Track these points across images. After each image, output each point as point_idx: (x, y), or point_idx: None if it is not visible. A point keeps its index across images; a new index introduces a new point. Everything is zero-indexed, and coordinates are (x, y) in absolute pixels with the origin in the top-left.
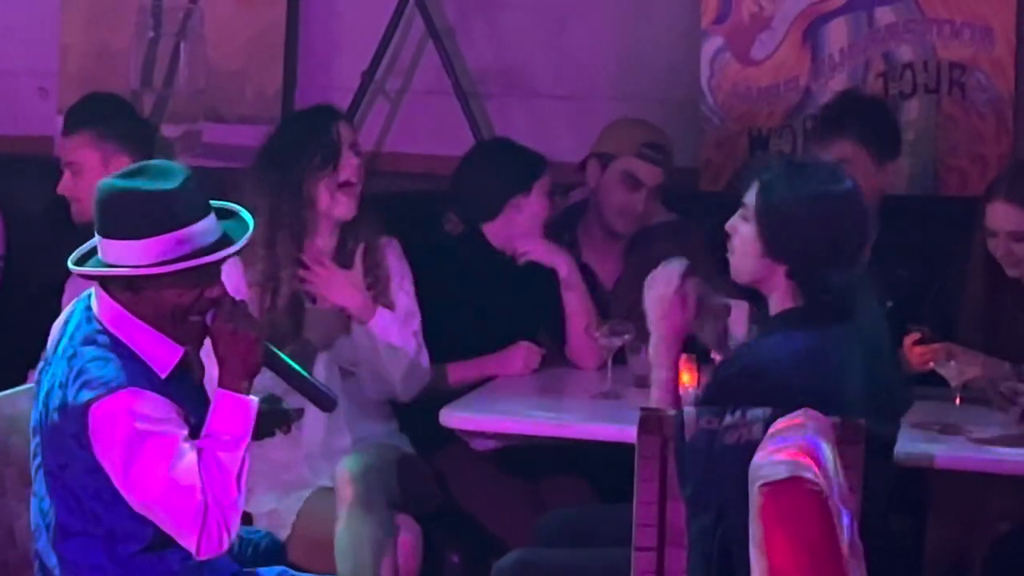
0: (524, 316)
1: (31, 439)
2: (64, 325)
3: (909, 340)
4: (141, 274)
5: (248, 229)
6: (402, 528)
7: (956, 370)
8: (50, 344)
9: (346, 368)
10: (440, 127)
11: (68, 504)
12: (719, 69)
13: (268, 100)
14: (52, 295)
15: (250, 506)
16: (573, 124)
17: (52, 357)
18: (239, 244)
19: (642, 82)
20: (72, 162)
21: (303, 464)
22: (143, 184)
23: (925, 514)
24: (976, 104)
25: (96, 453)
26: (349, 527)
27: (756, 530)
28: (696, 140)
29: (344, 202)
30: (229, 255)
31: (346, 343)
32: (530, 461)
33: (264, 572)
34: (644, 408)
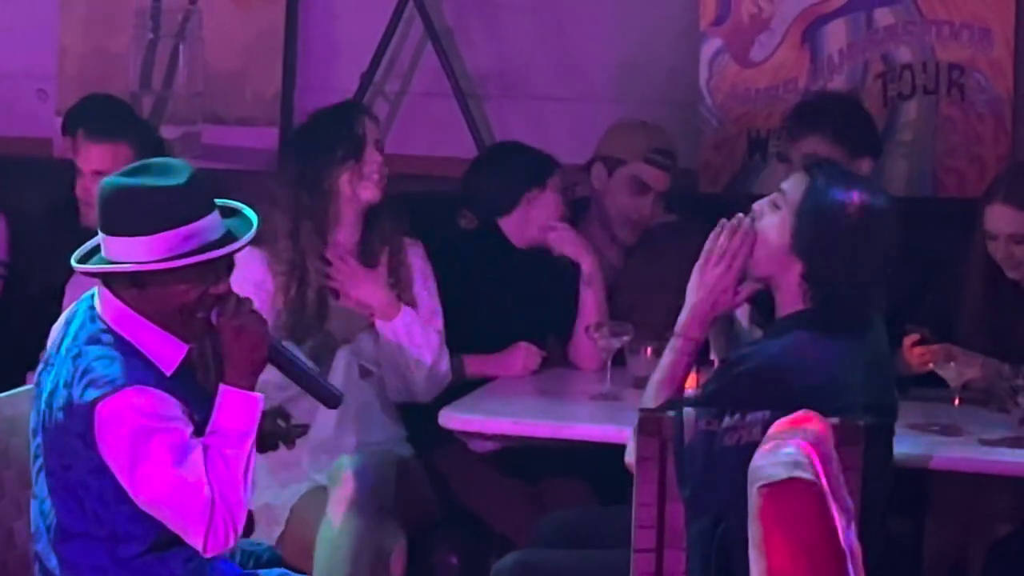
0: (534, 314)
1: (31, 441)
2: (66, 325)
3: (909, 341)
4: (149, 269)
5: (252, 225)
6: (388, 535)
7: (955, 371)
8: (50, 345)
9: (366, 367)
10: (439, 129)
11: (70, 505)
12: (718, 70)
13: (267, 102)
14: (52, 297)
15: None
16: (572, 125)
17: (54, 357)
18: (246, 239)
19: (641, 83)
20: (100, 171)
21: (306, 459)
22: (149, 181)
23: (924, 515)
24: (975, 105)
25: (101, 452)
26: (333, 526)
27: (755, 531)
28: (695, 141)
29: (368, 187)
30: (236, 250)
31: (368, 341)
32: (529, 462)
33: (264, 574)
34: (643, 409)
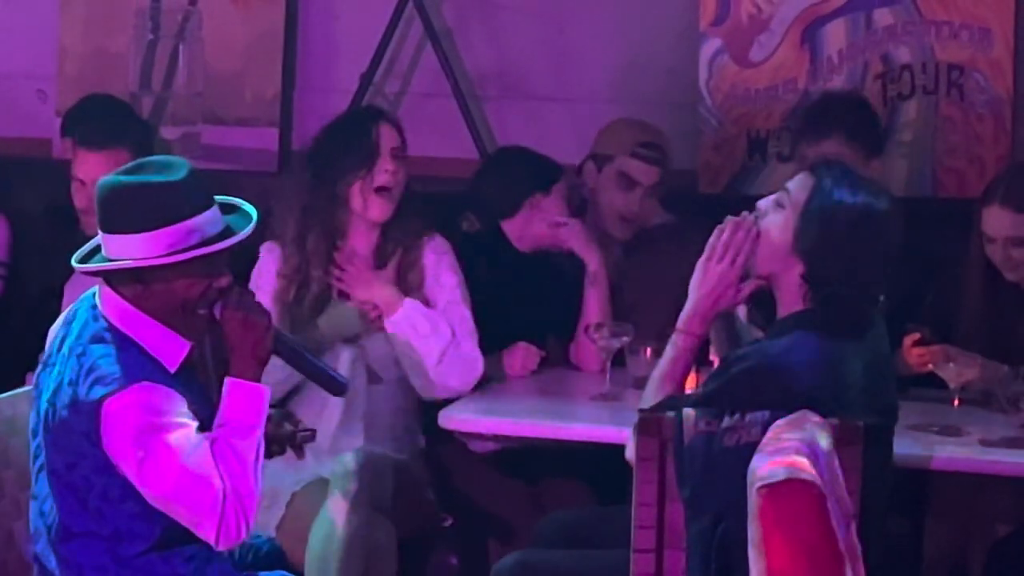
0: (535, 316)
1: (31, 441)
2: (67, 325)
3: (908, 340)
4: (153, 264)
5: (252, 219)
6: (381, 534)
7: (955, 372)
8: (49, 346)
9: (376, 372)
10: (439, 129)
11: (72, 504)
12: (717, 71)
13: (267, 102)
14: (51, 298)
15: None
16: (572, 126)
17: (55, 357)
18: (246, 232)
19: (640, 84)
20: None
21: (310, 457)
22: (148, 178)
23: (924, 516)
24: (974, 105)
25: (108, 449)
26: (328, 523)
27: (755, 532)
28: (694, 142)
29: (377, 205)
30: (237, 243)
31: (379, 342)
32: (529, 463)
33: (264, 575)
34: (642, 410)
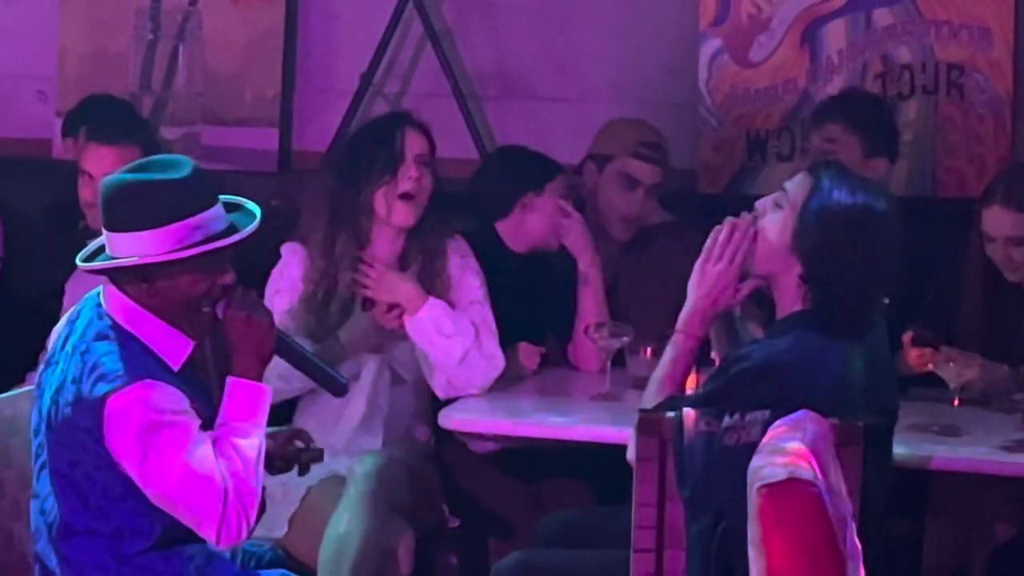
0: (532, 316)
1: (32, 441)
2: (70, 324)
3: (907, 338)
4: (158, 261)
5: (255, 217)
6: (395, 533)
7: (955, 372)
8: (54, 344)
9: (400, 374)
10: (439, 129)
11: (74, 502)
12: (717, 71)
13: (267, 103)
14: (51, 298)
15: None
16: (571, 126)
17: (59, 355)
18: (251, 228)
19: (640, 84)
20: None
21: (325, 455)
22: (153, 175)
23: (924, 516)
24: (974, 105)
25: (110, 447)
26: (344, 522)
27: (755, 531)
28: (694, 142)
29: (401, 211)
30: (242, 238)
31: (405, 349)
32: (529, 463)
33: (265, 575)
34: (642, 409)
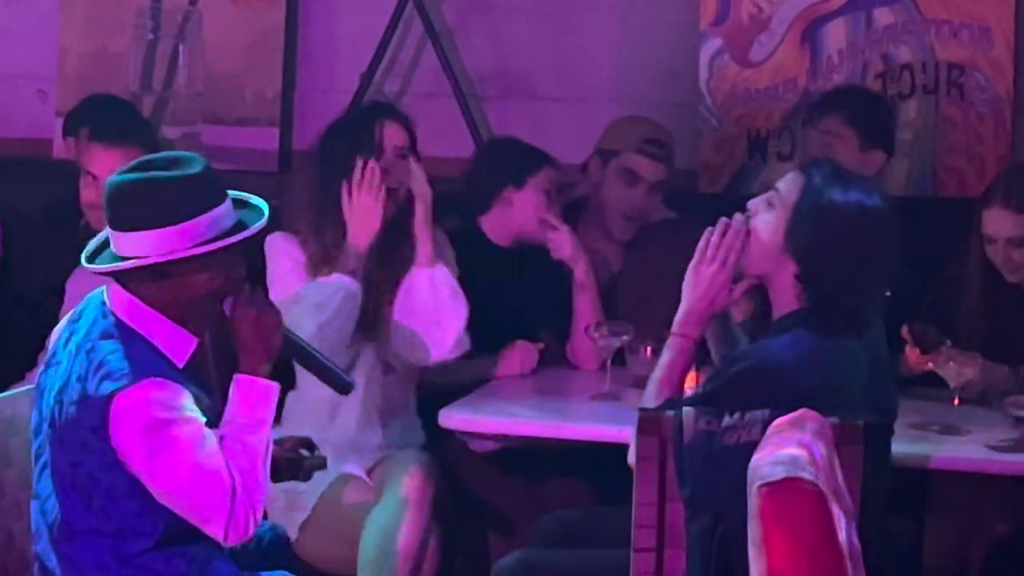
0: (525, 312)
1: (32, 441)
2: (74, 323)
3: (909, 337)
4: (182, 257)
5: (263, 212)
6: (431, 532)
7: (955, 371)
8: (55, 344)
9: (390, 363)
10: (439, 129)
11: (75, 502)
12: (718, 71)
13: (267, 102)
14: (51, 297)
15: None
16: (572, 126)
17: (61, 354)
18: (262, 222)
19: (641, 84)
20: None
21: (329, 455)
22: (163, 173)
23: (923, 515)
24: (975, 105)
25: (116, 445)
26: (387, 518)
27: (755, 531)
28: (695, 142)
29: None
30: (256, 232)
31: (395, 334)
32: (529, 462)
33: (267, 575)
34: (642, 409)
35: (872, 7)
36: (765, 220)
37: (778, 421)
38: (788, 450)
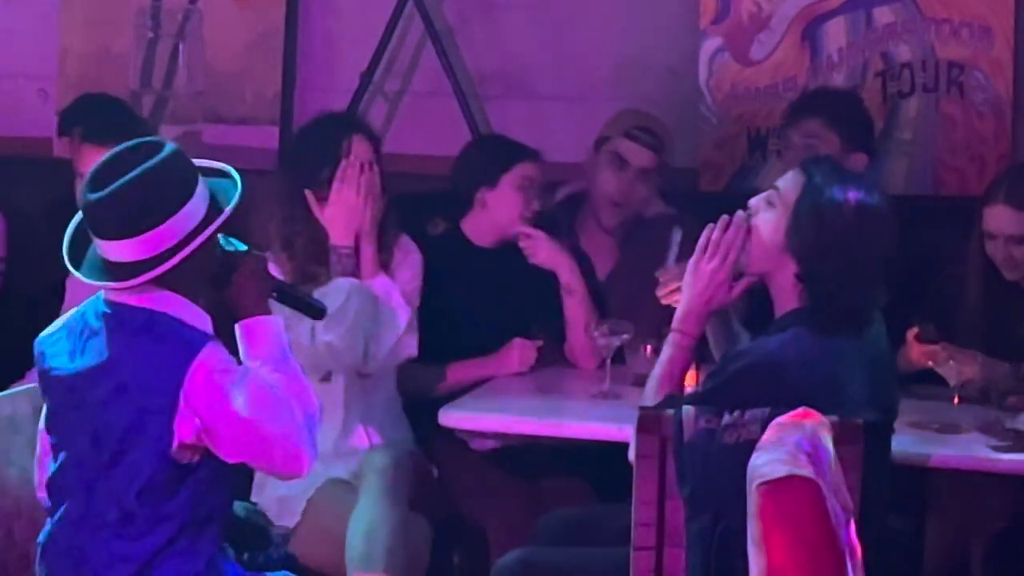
0: (516, 312)
1: (43, 437)
2: (83, 336)
3: (912, 335)
4: (196, 246)
5: (228, 173)
6: (416, 526)
7: (955, 369)
8: (58, 343)
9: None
10: (439, 128)
11: (102, 496)
12: (718, 69)
13: (268, 101)
14: (52, 296)
15: (255, 494)
16: (572, 124)
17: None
18: (239, 182)
19: (641, 83)
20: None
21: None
22: (149, 163)
23: (923, 513)
24: (975, 104)
25: (200, 411)
26: (369, 515)
27: (755, 529)
28: (695, 140)
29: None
30: (242, 196)
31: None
32: (529, 461)
33: None
34: (642, 407)
35: (872, 6)
36: (765, 219)
37: (778, 420)
38: (788, 449)
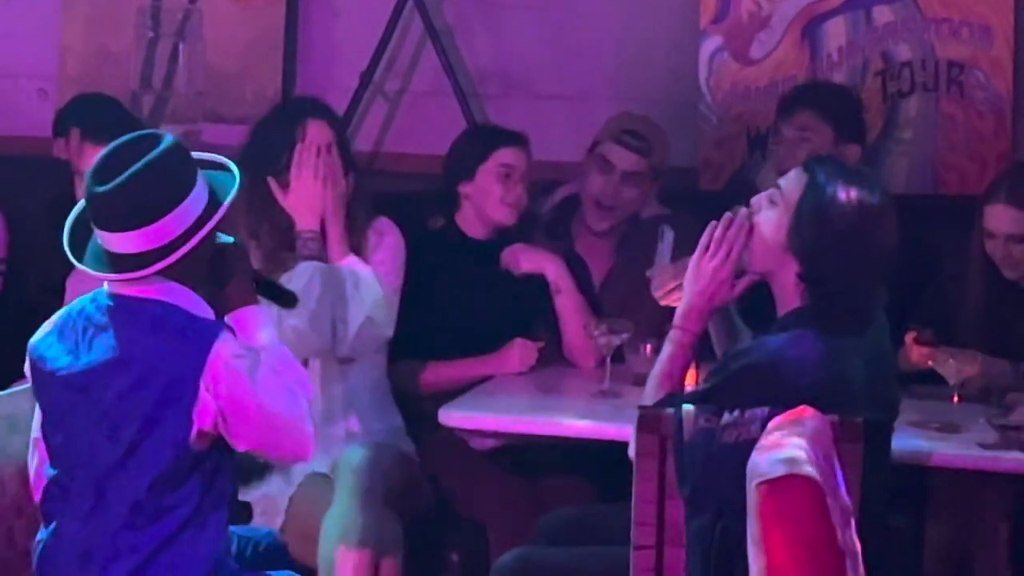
0: (515, 310)
1: (46, 437)
2: (97, 328)
3: (910, 338)
4: (203, 237)
5: (223, 162)
6: (389, 530)
7: (955, 368)
8: (53, 346)
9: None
10: (439, 127)
11: (113, 491)
12: (718, 68)
13: (268, 101)
14: (52, 295)
15: (243, 493)
16: (572, 124)
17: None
18: (236, 172)
19: (641, 82)
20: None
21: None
22: (151, 155)
23: (923, 512)
24: (975, 103)
25: (220, 397)
26: (340, 515)
27: (754, 528)
28: (695, 139)
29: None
30: (239, 186)
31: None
32: (529, 460)
33: (271, 575)
34: (642, 406)
35: (872, 5)
36: (768, 218)
37: (778, 418)
38: (788, 447)
